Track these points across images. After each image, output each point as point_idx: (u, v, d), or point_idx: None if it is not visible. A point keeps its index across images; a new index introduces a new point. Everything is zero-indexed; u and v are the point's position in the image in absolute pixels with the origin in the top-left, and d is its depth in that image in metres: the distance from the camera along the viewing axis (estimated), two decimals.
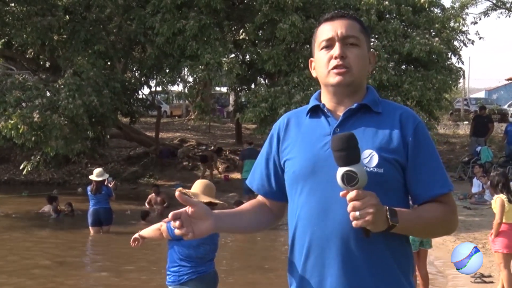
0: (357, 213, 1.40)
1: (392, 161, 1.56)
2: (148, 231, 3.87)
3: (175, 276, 3.84)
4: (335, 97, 1.64)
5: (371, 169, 1.53)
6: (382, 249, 1.55)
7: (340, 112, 1.63)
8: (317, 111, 1.68)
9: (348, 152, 1.42)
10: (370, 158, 1.55)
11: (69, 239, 8.97)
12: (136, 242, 3.87)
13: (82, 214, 10.28)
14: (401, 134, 1.58)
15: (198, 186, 3.98)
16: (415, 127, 1.60)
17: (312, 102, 1.70)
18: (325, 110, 1.65)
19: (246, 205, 1.79)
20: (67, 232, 9.38)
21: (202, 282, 3.86)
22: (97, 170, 9.26)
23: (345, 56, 1.58)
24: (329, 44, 1.61)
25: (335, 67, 1.59)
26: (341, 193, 1.44)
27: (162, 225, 3.81)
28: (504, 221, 5.26)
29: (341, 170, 1.42)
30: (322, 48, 1.63)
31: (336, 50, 1.59)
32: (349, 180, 1.41)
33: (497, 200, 5.29)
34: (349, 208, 1.41)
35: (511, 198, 5.30)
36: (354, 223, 1.42)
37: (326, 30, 1.62)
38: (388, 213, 1.45)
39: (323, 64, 1.62)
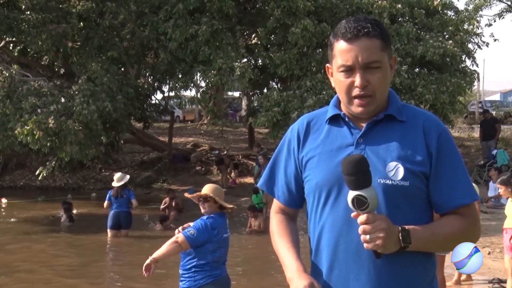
0: (367, 236, 1.40)
1: (417, 173, 1.52)
2: (163, 250, 3.75)
3: (190, 281, 3.82)
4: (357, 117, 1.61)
5: (397, 182, 1.50)
6: (409, 261, 1.52)
7: (363, 122, 1.58)
8: (338, 119, 1.63)
9: (358, 176, 1.40)
10: (396, 170, 1.51)
11: (85, 243, 9.02)
12: (148, 271, 3.67)
13: (92, 219, 10.36)
14: (425, 143, 1.54)
15: (211, 189, 3.97)
16: (439, 135, 1.55)
17: (332, 110, 1.64)
18: (347, 120, 1.60)
19: (289, 231, 1.69)
20: (84, 236, 9.44)
21: (217, 285, 3.85)
22: (117, 175, 9.35)
23: (367, 84, 1.52)
24: (349, 69, 1.53)
25: (357, 97, 1.53)
26: (352, 214, 1.44)
27: (178, 237, 3.75)
28: None
29: (351, 194, 1.41)
30: (341, 71, 1.55)
31: (357, 79, 1.51)
32: (359, 204, 1.40)
33: None
34: (359, 230, 1.42)
35: None
36: (365, 246, 1.43)
37: (345, 54, 1.52)
38: (400, 234, 1.44)
39: (343, 90, 1.55)
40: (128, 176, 9.57)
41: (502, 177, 5.61)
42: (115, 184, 9.15)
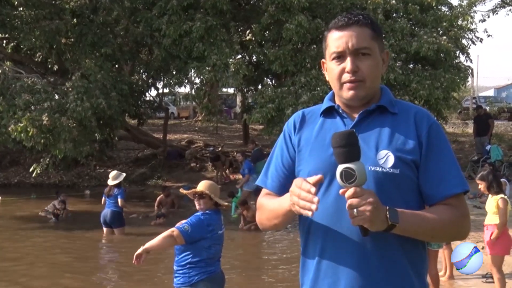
0: (355, 210, 1.39)
1: (408, 161, 1.55)
2: (156, 242, 3.74)
3: (185, 277, 3.82)
4: (350, 106, 1.64)
5: (387, 169, 1.53)
6: (398, 251, 1.54)
7: (356, 113, 1.62)
8: (331, 112, 1.67)
9: (347, 149, 1.41)
10: (386, 158, 1.54)
11: (79, 240, 9.01)
12: (138, 260, 3.71)
13: (86, 216, 10.33)
14: (416, 134, 1.58)
15: (206, 186, 3.96)
16: (429, 127, 1.59)
17: (326, 103, 1.68)
18: (340, 111, 1.65)
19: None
20: (77, 233, 9.42)
21: (212, 282, 3.85)
22: (112, 173, 9.39)
23: (357, 70, 1.56)
24: (340, 55, 1.58)
25: (347, 82, 1.58)
26: (340, 191, 1.43)
27: (174, 231, 3.74)
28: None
29: (340, 167, 1.41)
30: (333, 59, 1.60)
31: (348, 64, 1.56)
32: (347, 177, 1.39)
33: (501, 201, 5.22)
34: (347, 205, 1.40)
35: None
36: (351, 221, 1.41)
37: (337, 41, 1.59)
38: (388, 212, 1.43)
39: (335, 77, 1.60)
40: (123, 175, 9.55)
41: (482, 173, 5.56)
42: (109, 182, 9.18)
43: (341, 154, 1.41)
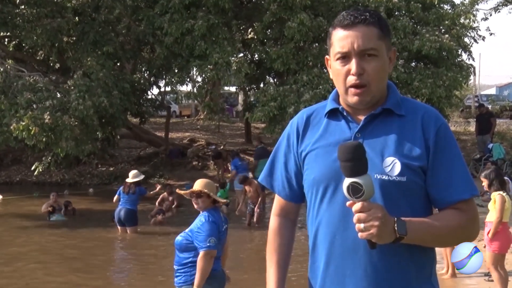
0: (362, 225, 1.37)
1: (415, 168, 1.50)
2: (200, 275, 3.68)
3: (186, 276, 3.82)
4: (354, 108, 1.60)
5: (393, 178, 1.49)
6: (406, 258, 1.51)
7: (361, 116, 1.57)
8: (336, 113, 1.61)
9: (354, 163, 1.37)
10: (392, 166, 1.49)
11: (80, 238, 9.01)
12: None
13: (89, 214, 10.33)
14: (424, 138, 1.52)
15: (203, 184, 3.95)
16: (437, 129, 1.53)
17: (331, 104, 1.63)
18: (345, 114, 1.59)
19: (282, 248, 1.70)
20: (79, 232, 9.44)
21: (213, 280, 3.84)
22: (133, 172, 9.48)
23: (362, 72, 1.50)
24: (345, 56, 1.52)
25: (352, 86, 1.52)
26: (347, 203, 1.41)
27: (204, 254, 3.67)
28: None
29: (347, 181, 1.38)
30: (337, 59, 1.54)
31: (353, 66, 1.50)
32: (355, 191, 1.37)
33: (498, 197, 5.19)
34: (354, 219, 1.39)
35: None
36: (359, 235, 1.39)
37: (342, 41, 1.52)
38: (396, 224, 1.41)
39: (340, 78, 1.54)
40: (142, 176, 9.67)
41: (485, 171, 5.54)
42: (129, 180, 9.22)
43: (348, 168, 1.38)
